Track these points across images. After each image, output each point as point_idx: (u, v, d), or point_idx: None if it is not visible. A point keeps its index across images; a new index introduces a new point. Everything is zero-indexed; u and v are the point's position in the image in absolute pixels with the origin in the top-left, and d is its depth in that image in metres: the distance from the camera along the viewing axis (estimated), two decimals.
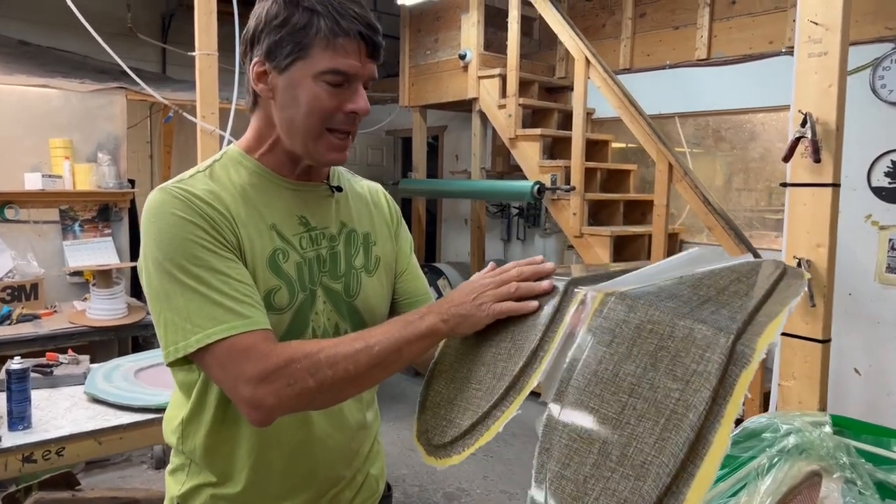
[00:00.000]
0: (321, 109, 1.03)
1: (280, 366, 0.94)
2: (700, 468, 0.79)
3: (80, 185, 3.94)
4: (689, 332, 0.88)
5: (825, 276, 1.39)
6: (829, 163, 1.42)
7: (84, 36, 5.27)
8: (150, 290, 1.02)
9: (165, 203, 1.01)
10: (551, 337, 1.02)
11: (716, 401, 0.82)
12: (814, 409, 1.39)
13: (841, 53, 1.38)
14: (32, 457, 1.96)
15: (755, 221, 4.49)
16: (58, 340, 3.32)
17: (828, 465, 1.28)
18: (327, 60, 1.01)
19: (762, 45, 4.35)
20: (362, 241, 1.21)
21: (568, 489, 0.85)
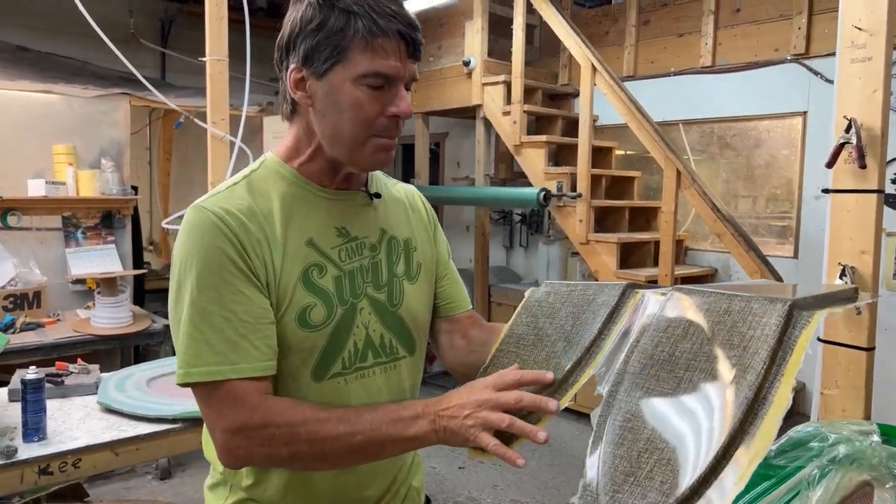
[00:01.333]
0: (364, 115, 1.00)
1: (258, 426, 0.94)
2: (760, 428, 0.77)
3: (84, 191, 3.90)
4: (745, 305, 0.88)
5: (870, 283, 1.38)
6: (874, 169, 1.42)
7: (82, 42, 5.24)
8: (171, 307, 1.02)
9: (198, 225, 1.00)
10: (606, 336, 1.03)
11: (774, 361, 0.81)
12: (858, 417, 1.38)
13: (886, 58, 1.38)
14: (49, 469, 1.92)
15: (760, 228, 4.49)
16: (62, 349, 3.28)
17: (879, 474, 1.26)
18: (366, 63, 0.98)
19: (767, 53, 4.36)
20: (403, 248, 1.19)
21: (621, 467, 0.84)
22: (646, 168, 5.12)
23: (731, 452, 0.77)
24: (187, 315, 0.97)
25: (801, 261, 4.28)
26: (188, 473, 3.70)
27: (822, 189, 1.58)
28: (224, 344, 0.96)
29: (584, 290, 1.13)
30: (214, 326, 0.96)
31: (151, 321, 3.66)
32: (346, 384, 1.08)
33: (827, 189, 1.53)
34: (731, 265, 4.59)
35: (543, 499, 3.58)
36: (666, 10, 4.91)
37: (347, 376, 1.09)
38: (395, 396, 1.16)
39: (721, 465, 0.77)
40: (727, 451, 0.77)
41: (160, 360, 2.83)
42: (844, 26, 1.42)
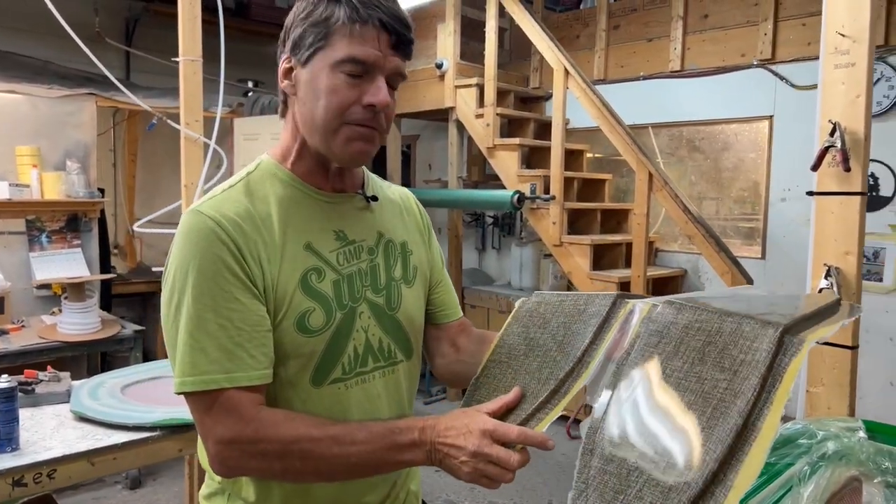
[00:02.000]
0: (338, 101, 0.99)
1: (251, 440, 0.94)
2: (748, 454, 0.78)
3: (49, 194, 3.79)
4: (736, 327, 0.89)
5: (854, 283, 1.42)
6: (857, 172, 1.46)
7: (45, 40, 5.11)
8: (163, 315, 1.01)
9: (194, 230, 0.99)
10: (598, 345, 1.04)
11: (764, 388, 0.82)
12: (843, 414, 1.41)
13: (868, 65, 1.42)
14: (23, 480, 1.86)
15: (728, 230, 4.58)
16: (28, 357, 3.19)
17: (867, 470, 1.29)
18: (345, 48, 0.98)
19: (734, 58, 4.45)
20: (400, 252, 1.18)
21: (611, 484, 0.85)
22: (616, 170, 5.19)
23: (719, 478, 0.78)
24: (183, 322, 0.96)
25: (767, 261, 4.38)
26: (159, 482, 3.62)
27: (806, 192, 1.62)
28: (219, 352, 0.95)
29: (574, 300, 1.14)
30: (210, 334, 0.95)
31: (121, 327, 3.58)
32: (346, 389, 1.07)
33: (811, 192, 1.57)
34: (700, 266, 4.68)
35: (521, 500, 3.60)
36: (636, 14, 4.98)
37: (347, 381, 1.08)
38: (394, 401, 1.15)
39: (710, 489, 0.78)
40: (716, 476, 0.78)
41: (133, 367, 2.76)
42: (828, 33, 1.47)
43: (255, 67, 5.62)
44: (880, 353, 3.85)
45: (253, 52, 5.66)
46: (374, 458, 0.95)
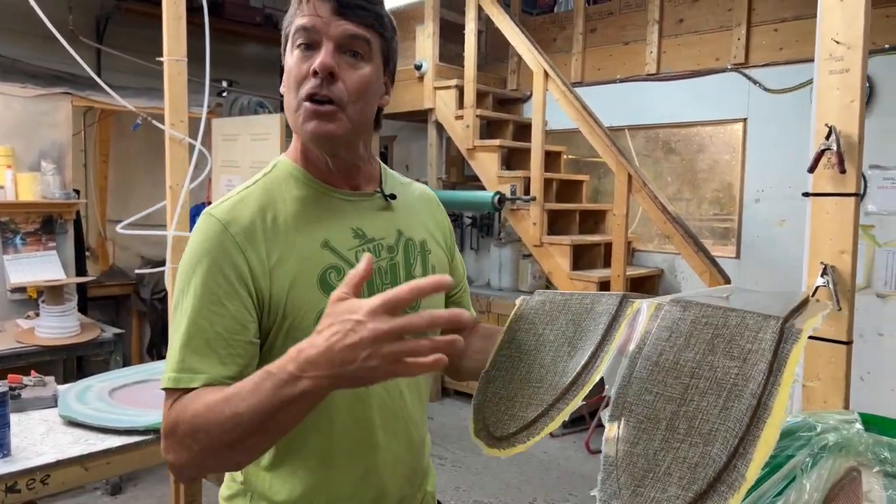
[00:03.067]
0: (294, 76, 1.01)
1: (170, 427, 0.91)
2: (763, 430, 0.86)
3: (23, 195, 3.71)
4: (741, 320, 0.97)
5: (849, 280, 1.48)
6: (852, 174, 1.51)
7: (11, 38, 4.99)
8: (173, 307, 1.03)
9: (201, 231, 1.01)
10: (610, 340, 1.09)
11: (772, 372, 0.90)
12: (839, 407, 1.46)
13: (862, 71, 1.48)
14: (16, 486, 1.83)
15: (703, 230, 4.68)
16: (6, 361, 3.12)
17: (866, 460, 1.34)
18: (295, 23, 1.01)
19: (709, 62, 4.55)
20: (420, 250, 1.18)
21: (639, 464, 0.92)
22: (592, 172, 5.26)
23: (740, 452, 0.86)
24: (178, 320, 0.98)
25: (742, 261, 4.48)
26: (140, 488, 3.57)
27: (802, 193, 1.68)
28: (192, 354, 0.95)
29: (580, 298, 1.18)
30: (190, 335, 0.96)
31: (100, 330, 3.52)
32: (367, 388, 1.08)
33: (807, 193, 1.62)
34: (676, 265, 4.77)
35: (506, 498, 3.62)
36: (612, 18, 5.06)
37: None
38: (415, 397, 1.17)
39: (732, 463, 0.85)
40: (737, 450, 0.86)
41: (119, 371, 2.72)
42: (823, 39, 1.52)
43: (230, 67, 5.56)
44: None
45: (227, 51, 5.60)
46: (264, 405, 0.83)
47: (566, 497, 3.62)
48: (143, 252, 5.51)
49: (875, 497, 1.35)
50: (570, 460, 4.11)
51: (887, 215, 3.85)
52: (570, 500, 3.60)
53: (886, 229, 3.86)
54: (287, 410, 0.83)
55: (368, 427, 1.09)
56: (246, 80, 5.84)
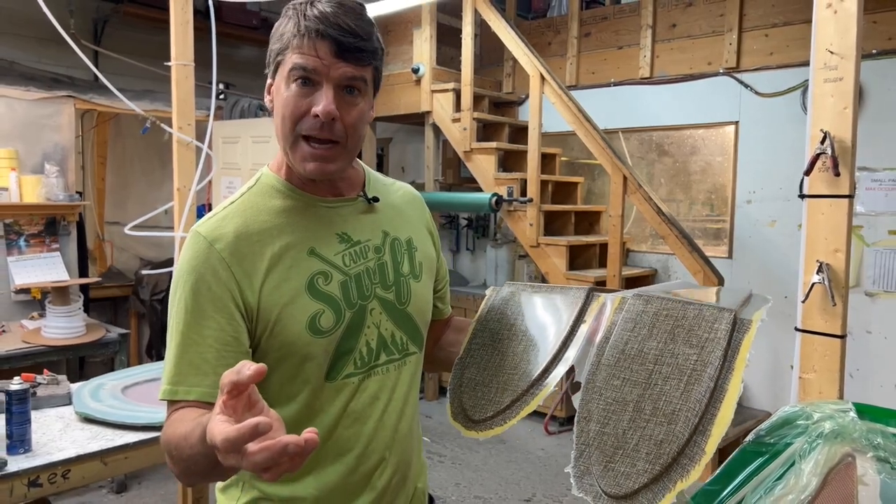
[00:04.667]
0: (290, 111, 1.04)
1: (162, 442, 0.98)
2: (720, 409, 0.98)
3: (28, 197, 3.75)
4: (699, 312, 1.09)
5: (843, 277, 1.55)
6: (845, 176, 1.59)
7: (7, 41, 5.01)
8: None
9: (189, 248, 1.07)
10: (578, 331, 1.19)
11: (727, 358, 1.02)
12: (834, 398, 1.54)
13: (855, 79, 1.56)
14: (38, 481, 1.88)
15: (696, 231, 4.77)
16: (14, 361, 3.16)
17: (860, 446, 1.42)
18: (294, 59, 1.03)
19: (701, 66, 4.65)
20: (406, 248, 1.23)
21: (609, 442, 1.03)
22: (587, 174, 5.35)
23: (700, 429, 0.97)
24: (170, 335, 1.05)
25: (735, 261, 4.57)
26: (144, 486, 3.61)
27: (798, 195, 1.75)
28: (188, 367, 1.01)
29: (548, 291, 1.29)
30: (183, 348, 1.02)
31: (106, 330, 3.56)
32: (359, 383, 1.13)
33: (803, 194, 1.70)
34: (669, 265, 4.86)
35: (505, 493, 3.69)
36: (606, 23, 5.15)
37: (360, 375, 1.13)
38: (404, 391, 1.21)
39: (693, 439, 0.97)
40: (697, 427, 0.97)
41: (128, 370, 2.77)
42: (818, 49, 1.60)
43: (227, 70, 5.61)
44: None
45: (224, 54, 5.64)
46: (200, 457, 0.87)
47: (564, 493, 3.69)
48: (142, 253, 5.54)
49: (869, 480, 1.43)
50: (567, 457, 4.16)
51: (875, 216, 3.95)
52: (567, 495, 3.68)
53: (874, 229, 3.96)
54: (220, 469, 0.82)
55: (359, 419, 1.13)
56: (243, 82, 5.88)
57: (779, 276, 4.25)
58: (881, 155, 3.91)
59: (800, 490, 1.40)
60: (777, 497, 1.40)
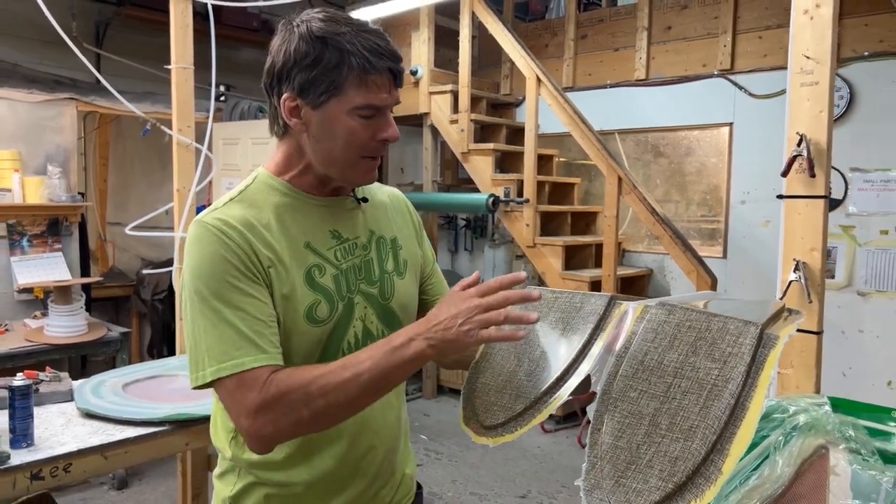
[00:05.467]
0: (358, 141, 1.11)
1: (276, 397, 1.02)
2: (740, 428, 0.94)
3: (31, 198, 3.81)
4: (723, 325, 1.05)
5: (819, 275, 1.60)
6: (821, 178, 1.64)
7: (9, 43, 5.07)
8: (184, 317, 1.11)
9: (201, 238, 1.10)
10: (597, 339, 1.17)
11: (749, 374, 0.98)
12: (810, 392, 1.59)
13: (830, 83, 1.61)
14: (40, 474, 1.93)
15: (691, 231, 4.82)
16: (17, 359, 3.21)
17: (833, 438, 1.47)
18: (361, 97, 1.09)
19: (696, 68, 4.70)
20: (391, 247, 1.29)
21: (622, 456, 0.99)
22: (584, 174, 5.39)
23: (717, 447, 0.94)
24: (204, 320, 1.06)
25: (729, 261, 4.62)
26: (145, 483, 3.66)
27: (776, 195, 1.80)
28: (243, 339, 1.05)
29: (569, 297, 1.26)
30: (232, 325, 1.05)
31: (107, 329, 3.62)
32: None
33: (781, 195, 1.75)
34: (665, 266, 4.90)
35: (501, 490, 3.74)
36: (603, 25, 5.20)
37: None
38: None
39: (710, 457, 0.93)
40: (715, 445, 0.94)
41: (129, 367, 2.82)
42: (795, 55, 1.65)
43: (227, 72, 5.66)
44: (834, 346, 4.11)
45: (224, 56, 5.70)
46: (381, 366, 1.01)
47: (559, 489, 3.74)
48: (144, 254, 5.59)
49: (840, 471, 1.48)
50: (563, 454, 4.24)
51: (867, 216, 4.00)
52: (562, 492, 3.72)
53: (867, 229, 4.01)
54: (398, 370, 1.02)
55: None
56: (242, 84, 5.93)
57: (772, 277, 4.28)
58: (873, 156, 3.95)
59: (773, 480, 1.44)
60: (752, 487, 1.45)
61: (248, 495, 1.20)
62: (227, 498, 1.22)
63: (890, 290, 3.95)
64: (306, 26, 1.10)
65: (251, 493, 1.20)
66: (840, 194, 4.07)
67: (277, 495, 1.20)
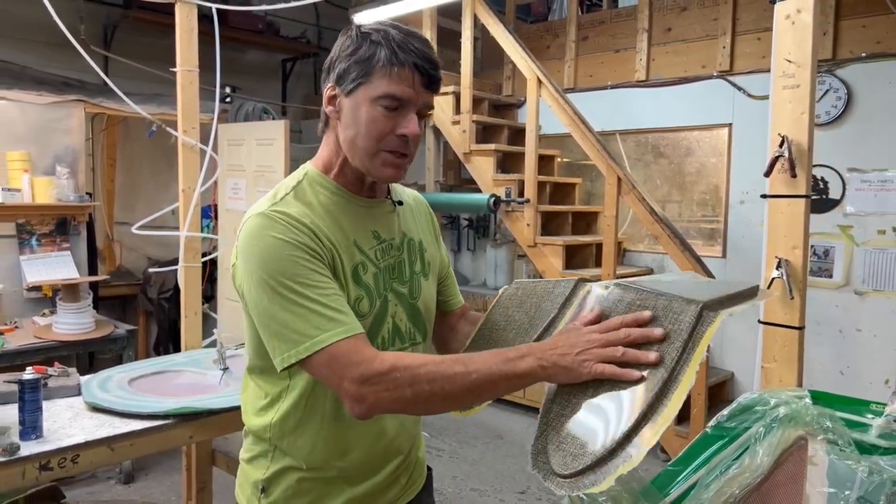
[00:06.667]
0: (377, 130, 1.17)
1: (383, 371, 1.06)
2: (671, 400, 1.02)
3: (40, 198, 3.88)
4: (668, 304, 1.13)
5: (801, 272, 1.65)
6: (802, 178, 1.69)
7: (18, 46, 5.15)
8: (255, 307, 1.14)
9: (266, 227, 1.15)
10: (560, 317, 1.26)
11: (685, 350, 1.06)
12: (793, 385, 1.63)
13: (811, 86, 1.65)
14: (49, 465, 1.99)
15: (691, 230, 4.86)
16: (26, 356, 3.28)
17: (812, 429, 1.52)
18: (384, 86, 1.15)
19: (696, 69, 4.74)
20: (418, 249, 1.37)
21: (565, 424, 1.08)
22: (585, 175, 5.44)
23: (647, 417, 1.01)
24: (285, 302, 1.10)
25: (728, 260, 4.66)
26: (151, 477, 3.73)
27: (760, 195, 1.85)
28: (331, 311, 1.10)
29: (545, 284, 1.37)
30: (314, 301, 1.10)
31: (114, 327, 3.69)
32: None
33: (765, 195, 1.80)
34: (665, 265, 4.94)
35: (500, 486, 3.79)
36: (603, 27, 5.24)
37: None
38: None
39: (639, 427, 1.00)
40: (646, 415, 1.01)
41: (135, 363, 2.89)
42: (777, 58, 1.69)
43: (233, 73, 5.74)
44: (831, 345, 4.16)
45: (230, 58, 5.77)
46: (492, 371, 1.05)
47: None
48: (150, 253, 5.66)
49: (818, 461, 1.53)
50: None
51: (864, 216, 4.03)
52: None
53: (864, 229, 4.04)
54: (506, 381, 1.06)
55: None
56: (248, 85, 6.00)
57: None
58: (870, 156, 3.99)
59: (753, 470, 1.50)
60: (732, 476, 1.50)
61: (281, 478, 1.26)
62: (259, 481, 1.27)
63: (887, 290, 3.99)
64: (360, 27, 1.19)
65: (285, 477, 1.26)
66: (838, 194, 4.11)
67: (310, 478, 1.25)
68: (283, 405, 1.24)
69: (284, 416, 1.24)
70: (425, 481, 1.50)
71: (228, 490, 1.43)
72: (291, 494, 1.26)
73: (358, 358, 1.07)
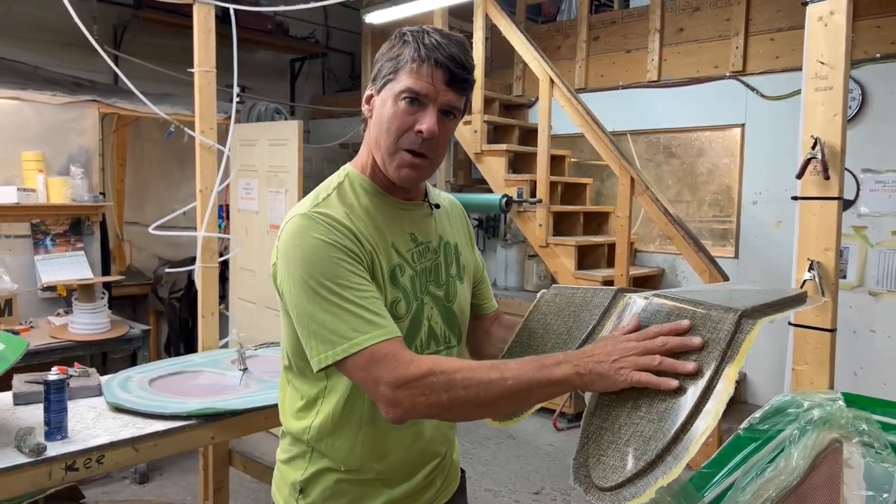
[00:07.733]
0: (396, 126, 1.17)
1: (419, 376, 1.05)
2: (710, 412, 1.01)
3: (54, 198, 3.89)
4: (706, 313, 1.12)
5: (832, 274, 1.65)
6: (835, 180, 1.69)
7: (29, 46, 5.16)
8: (295, 307, 1.14)
9: (308, 227, 1.15)
10: (599, 329, 1.25)
11: (724, 359, 1.05)
12: (824, 388, 1.63)
13: (844, 88, 1.65)
14: (75, 465, 1.99)
15: (703, 231, 4.85)
16: (42, 356, 3.29)
17: (847, 432, 1.51)
18: (405, 81, 1.16)
19: (708, 69, 4.73)
20: (454, 252, 1.37)
21: (605, 437, 1.07)
22: (596, 175, 5.43)
23: (686, 428, 1.00)
24: (324, 303, 1.10)
25: (741, 261, 4.65)
26: (166, 477, 3.73)
27: (791, 196, 1.85)
28: (372, 315, 1.10)
29: (584, 293, 1.36)
30: (353, 303, 1.10)
31: (129, 327, 3.69)
32: None
33: (796, 196, 1.80)
34: (677, 265, 4.94)
35: (514, 487, 3.79)
36: (615, 27, 5.24)
37: None
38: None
39: (679, 437, 1.00)
40: (685, 426, 1.01)
41: (153, 363, 2.88)
42: (809, 60, 1.69)
43: (242, 73, 5.73)
44: (846, 346, 4.14)
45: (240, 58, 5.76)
46: (527, 377, 1.04)
47: (573, 486, 3.78)
48: (161, 253, 5.67)
49: (854, 464, 1.53)
50: None
51: (879, 216, 4.03)
52: (576, 488, 3.76)
53: (878, 230, 4.03)
54: (542, 388, 1.05)
55: None
56: (256, 85, 6.00)
57: (783, 276, 4.31)
58: (885, 157, 3.98)
59: (789, 472, 1.49)
60: (768, 479, 1.49)
61: (319, 480, 1.26)
62: (296, 482, 1.28)
63: None
64: (402, 30, 1.20)
65: (323, 478, 1.26)
66: (852, 195, 4.10)
67: (348, 480, 1.25)
68: (322, 408, 1.24)
69: (323, 420, 1.24)
70: (459, 483, 1.50)
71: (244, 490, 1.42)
72: (329, 496, 1.26)
73: (395, 361, 1.07)
